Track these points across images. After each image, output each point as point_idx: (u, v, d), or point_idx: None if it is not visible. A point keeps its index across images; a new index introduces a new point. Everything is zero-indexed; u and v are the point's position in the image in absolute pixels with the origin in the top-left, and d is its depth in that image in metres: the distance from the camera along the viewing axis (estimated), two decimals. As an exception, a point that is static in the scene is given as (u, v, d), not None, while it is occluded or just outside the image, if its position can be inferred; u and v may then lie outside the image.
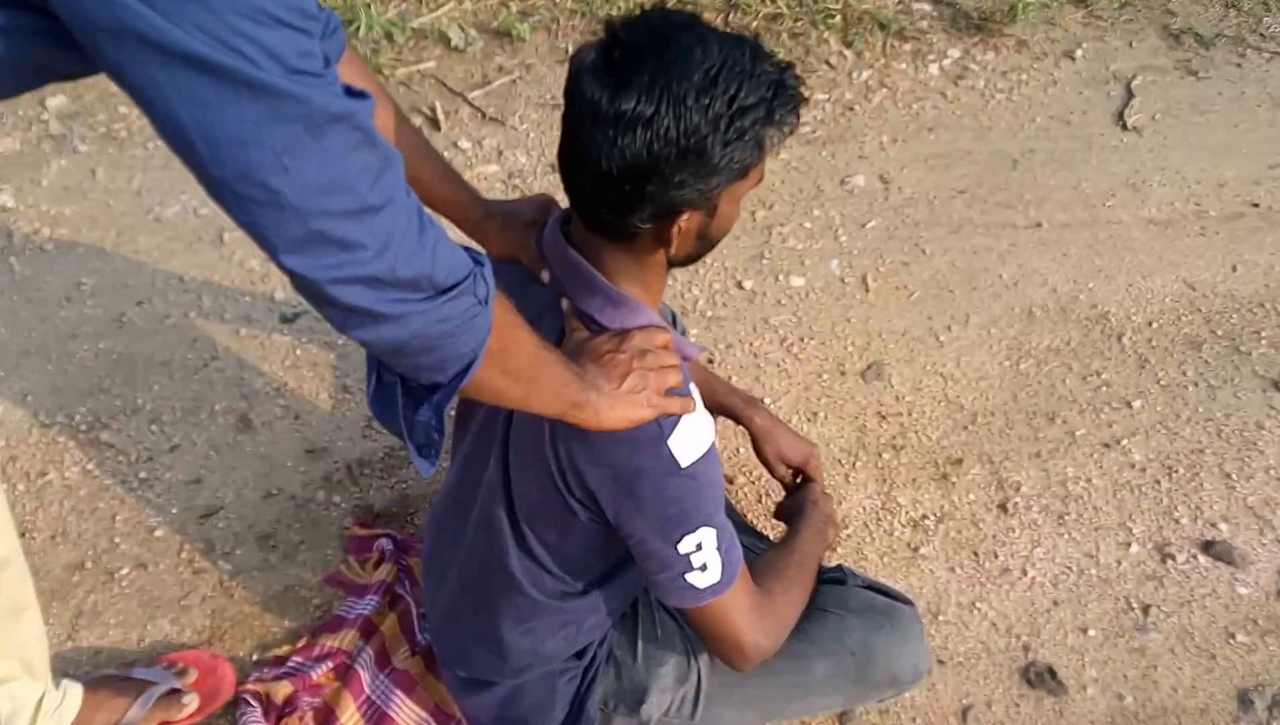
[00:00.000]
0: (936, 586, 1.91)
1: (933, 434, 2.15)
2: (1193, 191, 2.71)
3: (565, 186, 1.18)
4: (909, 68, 3.04)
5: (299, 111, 0.79)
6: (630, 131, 1.07)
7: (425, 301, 0.92)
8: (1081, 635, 1.85)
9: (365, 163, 0.84)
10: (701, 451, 1.21)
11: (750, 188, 1.20)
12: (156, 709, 1.66)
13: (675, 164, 1.09)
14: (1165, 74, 3.07)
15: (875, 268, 2.48)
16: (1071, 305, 2.41)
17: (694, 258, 1.26)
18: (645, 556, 1.26)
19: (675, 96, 1.06)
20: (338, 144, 0.82)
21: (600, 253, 1.22)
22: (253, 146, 0.78)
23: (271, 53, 0.77)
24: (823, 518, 1.62)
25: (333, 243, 0.85)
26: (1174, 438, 2.15)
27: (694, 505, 1.22)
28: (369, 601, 1.84)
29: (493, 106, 2.81)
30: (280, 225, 0.83)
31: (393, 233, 0.87)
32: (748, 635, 1.33)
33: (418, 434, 1.07)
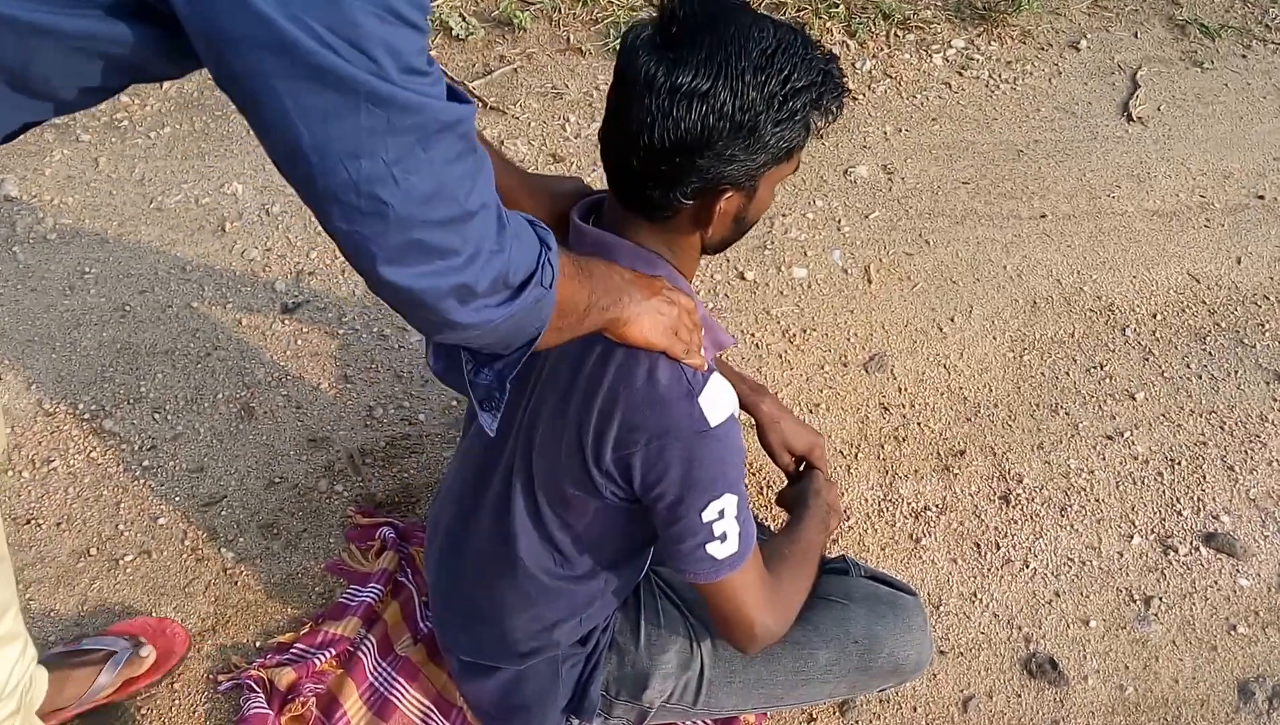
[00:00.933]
0: (938, 577, 1.91)
1: (935, 425, 2.15)
2: (1197, 183, 2.70)
3: (608, 163, 1.19)
4: (913, 58, 3.03)
5: (414, 122, 0.78)
6: (686, 104, 1.09)
7: (501, 306, 0.93)
8: (1083, 627, 1.85)
9: (466, 169, 0.84)
10: (730, 412, 1.24)
11: (789, 173, 1.23)
12: (122, 670, 1.68)
13: (729, 138, 1.12)
14: (1170, 65, 3.06)
15: (878, 258, 2.47)
16: (1075, 297, 2.41)
17: (727, 242, 1.29)
18: (669, 523, 1.27)
19: (734, 72, 1.09)
20: (444, 152, 0.81)
21: (636, 235, 1.24)
22: (366, 158, 0.77)
23: (394, 52, 0.76)
24: (825, 506, 1.62)
25: (430, 251, 0.84)
26: (1177, 430, 2.15)
27: (721, 469, 1.24)
28: (371, 589, 1.84)
29: (494, 96, 2.80)
30: (383, 235, 0.82)
31: (484, 237, 0.87)
32: (758, 616, 1.34)
33: (479, 392, 1.10)
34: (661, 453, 1.22)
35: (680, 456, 1.22)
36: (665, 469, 1.23)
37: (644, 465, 1.24)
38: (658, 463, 1.23)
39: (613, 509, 1.33)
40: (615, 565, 1.45)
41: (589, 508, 1.35)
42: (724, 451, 1.23)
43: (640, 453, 1.23)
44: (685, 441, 1.21)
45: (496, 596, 1.47)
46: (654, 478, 1.24)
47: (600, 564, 1.44)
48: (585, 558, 1.42)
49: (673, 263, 1.27)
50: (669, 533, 1.29)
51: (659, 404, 1.21)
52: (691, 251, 1.28)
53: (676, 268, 1.27)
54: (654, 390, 1.21)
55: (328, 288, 2.34)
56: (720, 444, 1.23)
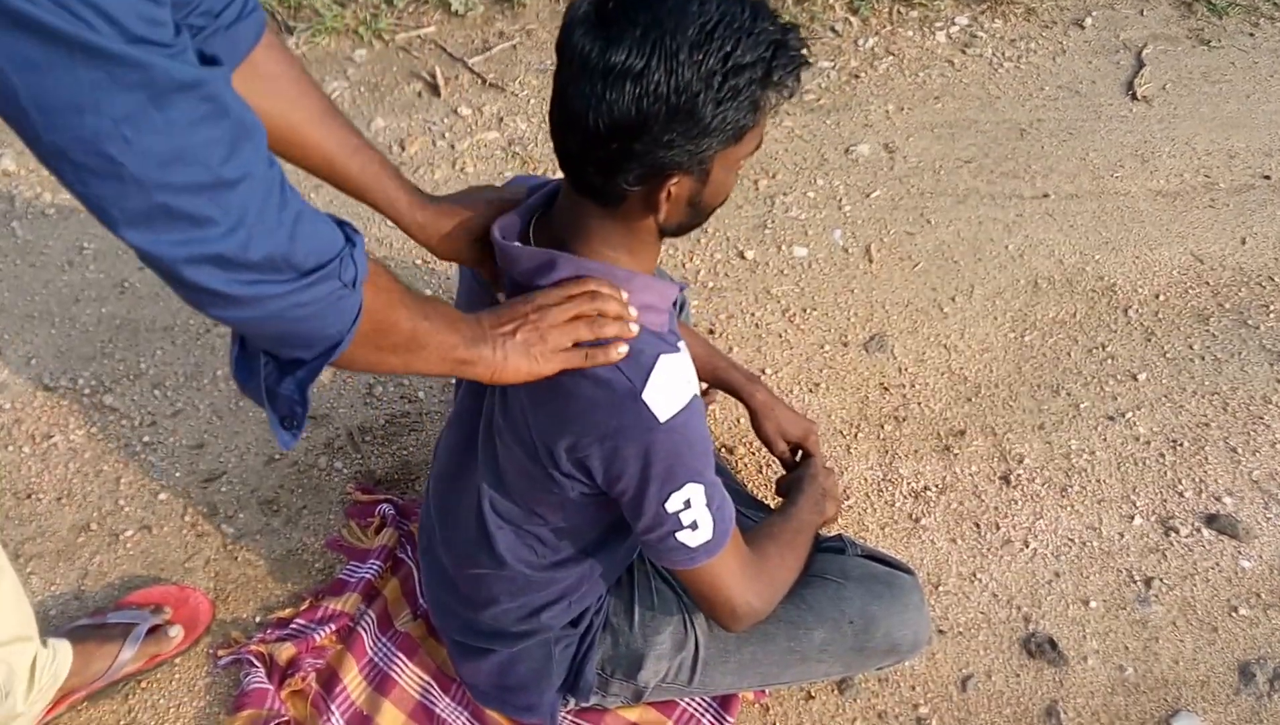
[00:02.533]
0: (937, 557, 1.91)
1: (935, 405, 2.14)
2: (1202, 163, 2.68)
3: (555, 146, 1.14)
4: (916, 35, 3.01)
5: (140, 79, 0.75)
6: (619, 86, 1.02)
7: (282, 284, 0.88)
8: (1083, 607, 1.85)
9: (215, 135, 0.80)
10: (681, 404, 1.18)
11: (747, 154, 1.16)
12: (145, 646, 1.69)
13: (665, 122, 1.05)
14: (1176, 43, 3.04)
15: (879, 238, 2.46)
16: (1077, 277, 2.40)
17: (686, 227, 1.22)
18: (636, 516, 1.26)
19: (667, 51, 1.02)
20: (184, 114, 0.78)
21: (587, 220, 1.19)
22: (89, 113, 0.74)
23: (109, 17, 0.72)
24: (820, 491, 1.62)
25: (180, 218, 0.80)
26: (1179, 411, 2.14)
27: (679, 461, 1.20)
28: (371, 566, 1.85)
29: (493, 72, 2.78)
30: (121, 198, 0.78)
31: (247, 209, 0.83)
32: (740, 596, 1.33)
33: (280, 406, 1.02)
34: (615, 453, 1.19)
35: (634, 454, 1.19)
36: (622, 467, 1.20)
37: (600, 465, 1.22)
38: (614, 462, 1.20)
39: (584, 502, 1.32)
40: (601, 548, 1.44)
41: (560, 503, 1.33)
42: (679, 443, 1.19)
43: (594, 454, 1.21)
44: (637, 440, 1.18)
45: (482, 586, 1.47)
46: (612, 476, 1.22)
47: (584, 550, 1.43)
48: (566, 546, 1.42)
49: (628, 253, 1.21)
50: (637, 525, 1.27)
51: (604, 407, 1.17)
52: (647, 237, 1.21)
53: (632, 257, 1.21)
54: (597, 393, 1.18)
55: (327, 264, 2.33)
56: (674, 436, 1.18)
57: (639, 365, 1.17)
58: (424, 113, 2.68)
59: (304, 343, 0.95)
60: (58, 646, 1.61)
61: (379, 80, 2.75)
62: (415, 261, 2.36)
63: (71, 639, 1.64)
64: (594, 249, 1.20)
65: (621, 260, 1.21)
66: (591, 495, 1.29)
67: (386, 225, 2.43)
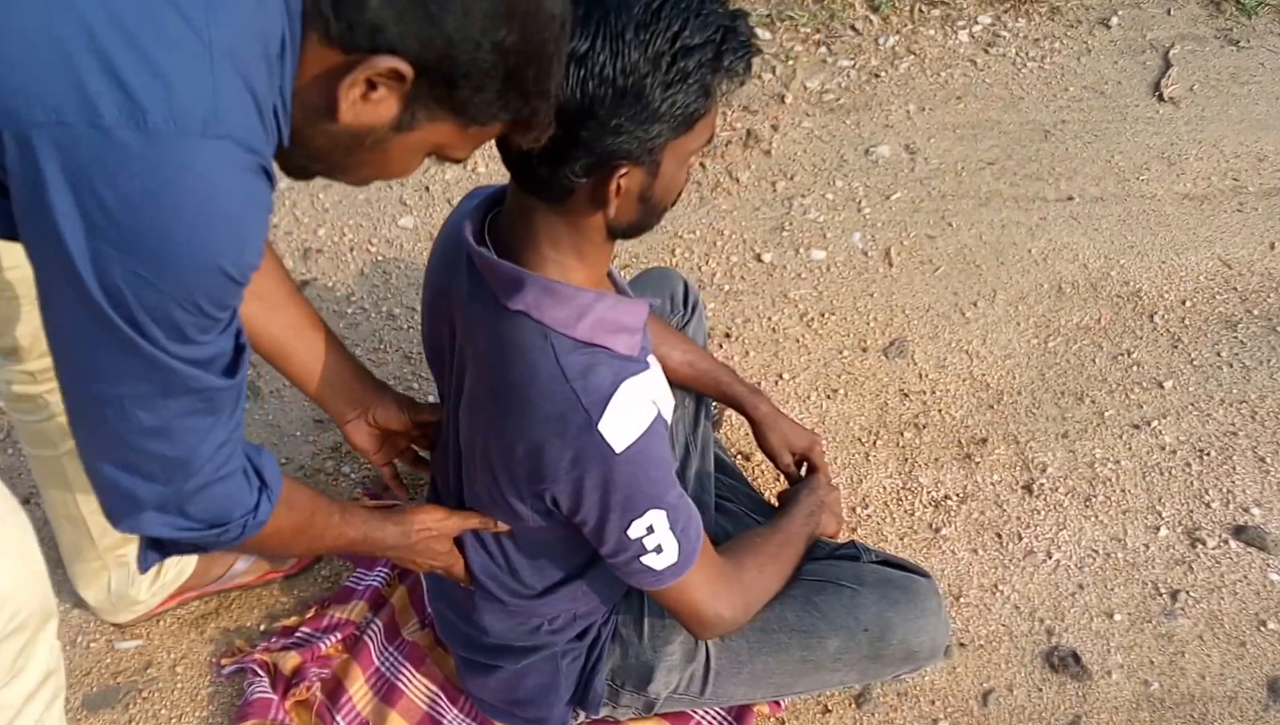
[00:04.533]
0: (958, 568, 1.86)
1: (956, 413, 2.09)
2: (1230, 166, 2.62)
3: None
4: (937, 34, 2.96)
5: (161, 380, 0.85)
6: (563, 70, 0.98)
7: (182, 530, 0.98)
8: (1107, 620, 1.80)
9: (199, 424, 0.91)
10: (639, 432, 1.15)
11: (698, 146, 1.11)
12: (259, 563, 1.79)
13: (611, 107, 1.01)
14: (1204, 43, 2.97)
15: (899, 241, 2.41)
16: (1102, 282, 2.34)
17: (637, 227, 1.17)
18: (599, 543, 1.25)
19: (612, 31, 0.98)
20: (183, 407, 0.88)
21: (534, 219, 1.14)
22: (108, 382, 0.85)
23: (175, 328, 0.83)
24: (816, 502, 1.59)
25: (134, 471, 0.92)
26: (1206, 420, 2.09)
27: (637, 489, 1.19)
28: (378, 573, 1.82)
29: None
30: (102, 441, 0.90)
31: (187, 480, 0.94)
32: (708, 608, 1.32)
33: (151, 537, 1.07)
34: (575, 485, 1.17)
35: (591, 486, 1.17)
36: (580, 498, 1.19)
37: (560, 497, 1.20)
38: (573, 494, 1.19)
39: (552, 529, 1.30)
40: (585, 571, 1.42)
41: (529, 532, 1.32)
42: (638, 471, 1.17)
43: (552, 487, 1.19)
44: (594, 472, 1.16)
45: (479, 608, 1.45)
46: (571, 507, 1.21)
47: (568, 575, 1.41)
48: (547, 575, 1.40)
49: (576, 255, 1.16)
50: (602, 550, 1.26)
51: (561, 437, 1.15)
52: (596, 236, 1.16)
53: (580, 259, 1.17)
54: (555, 425, 1.15)
55: (335, 266, 2.31)
56: (631, 466, 1.16)
57: (596, 395, 1.13)
58: (437, 112, 2.65)
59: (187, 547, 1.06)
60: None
61: (392, 80, 2.73)
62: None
63: None
64: (542, 253, 1.16)
65: (570, 266, 1.17)
66: (556, 525, 1.27)
67: (396, 225, 2.40)
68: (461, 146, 0.97)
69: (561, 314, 1.15)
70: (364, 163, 0.96)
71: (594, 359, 1.15)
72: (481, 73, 0.88)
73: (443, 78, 0.87)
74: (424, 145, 0.95)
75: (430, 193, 2.47)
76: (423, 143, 0.95)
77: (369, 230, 2.38)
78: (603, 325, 1.16)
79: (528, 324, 1.16)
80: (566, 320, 1.15)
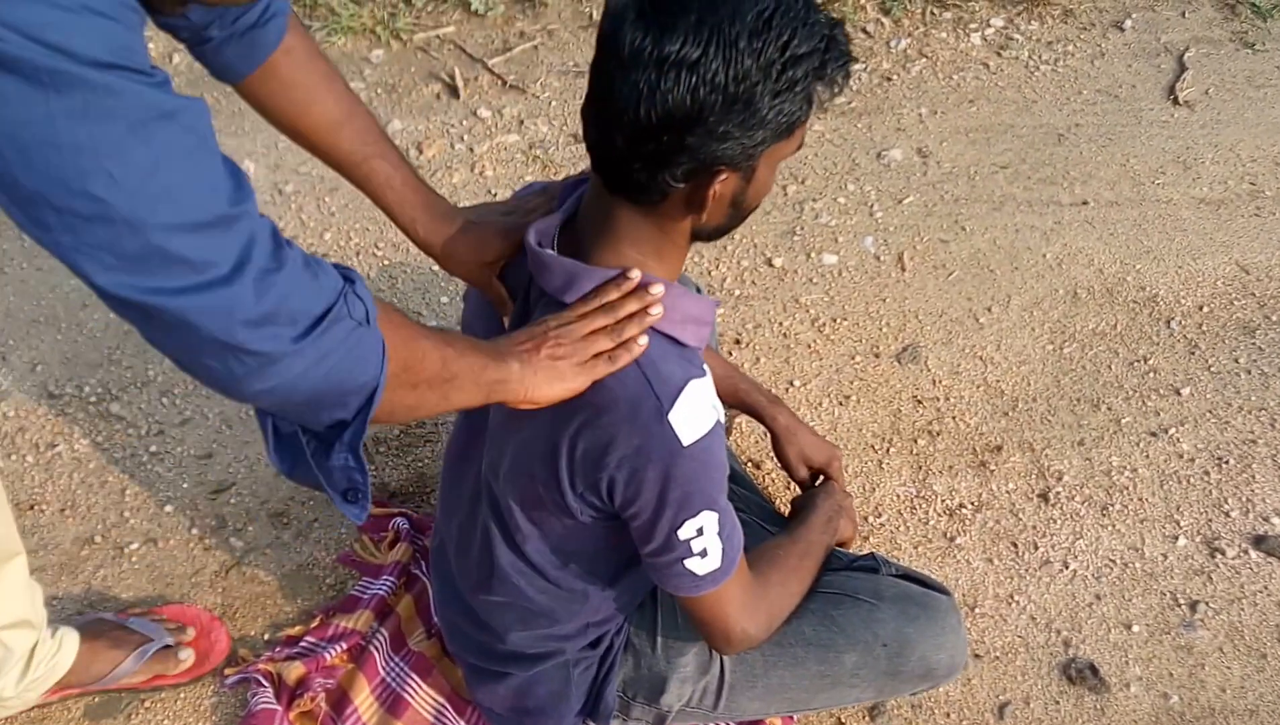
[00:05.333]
0: (973, 578, 1.83)
1: (971, 420, 2.06)
2: (1247, 170, 2.59)
3: (591, 143, 1.09)
4: (949, 37, 2.93)
5: (115, 106, 0.70)
6: (674, 76, 0.98)
7: (297, 339, 0.83)
8: (1125, 631, 1.76)
9: (205, 168, 0.76)
10: (705, 429, 1.14)
11: (790, 152, 1.12)
12: (152, 663, 1.64)
13: (721, 113, 1.00)
14: (1219, 46, 2.94)
15: (912, 245, 2.38)
16: (1118, 287, 2.31)
17: (722, 231, 1.18)
18: (645, 539, 1.22)
19: (726, 39, 0.98)
20: (169, 146, 0.73)
21: (618, 220, 1.13)
22: (67, 149, 0.69)
23: (78, 42, 0.68)
24: (834, 508, 1.56)
25: (176, 261, 0.75)
26: (1224, 427, 2.05)
27: (697, 488, 1.16)
28: (384, 582, 1.79)
29: (513, 74, 2.72)
30: (114, 242, 0.73)
31: (248, 252, 0.78)
32: (736, 624, 1.29)
33: (338, 480, 0.97)
34: (633, 475, 1.15)
35: (653, 477, 1.14)
36: (638, 490, 1.16)
37: (616, 487, 1.17)
38: (630, 484, 1.16)
39: (593, 528, 1.27)
40: (613, 578, 1.39)
41: (568, 529, 1.28)
42: (700, 469, 1.15)
43: (610, 475, 1.16)
44: (657, 463, 1.13)
45: (494, 613, 1.42)
46: (627, 498, 1.18)
47: (596, 580, 1.38)
48: (577, 577, 1.36)
49: (656, 256, 1.15)
50: (645, 548, 1.23)
51: (626, 425, 1.13)
52: (680, 240, 1.16)
53: (660, 261, 1.16)
54: (620, 412, 1.13)
55: (343, 269, 2.28)
56: (695, 463, 1.14)
57: (668, 386, 1.13)
58: (442, 115, 2.62)
59: (339, 399, 0.90)
60: (65, 638, 1.58)
61: (396, 81, 2.70)
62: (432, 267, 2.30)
63: (83, 632, 1.61)
64: (621, 252, 1.15)
65: (649, 266, 1.16)
66: (603, 520, 1.24)
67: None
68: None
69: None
70: None
71: (663, 352, 1.14)
72: None
73: None
74: None
75: (437, 196, 2.44)
76: None
77: (375, 234, 2.35)
78: (673, 313, 1.15)
79: None
80: None
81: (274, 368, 0.83)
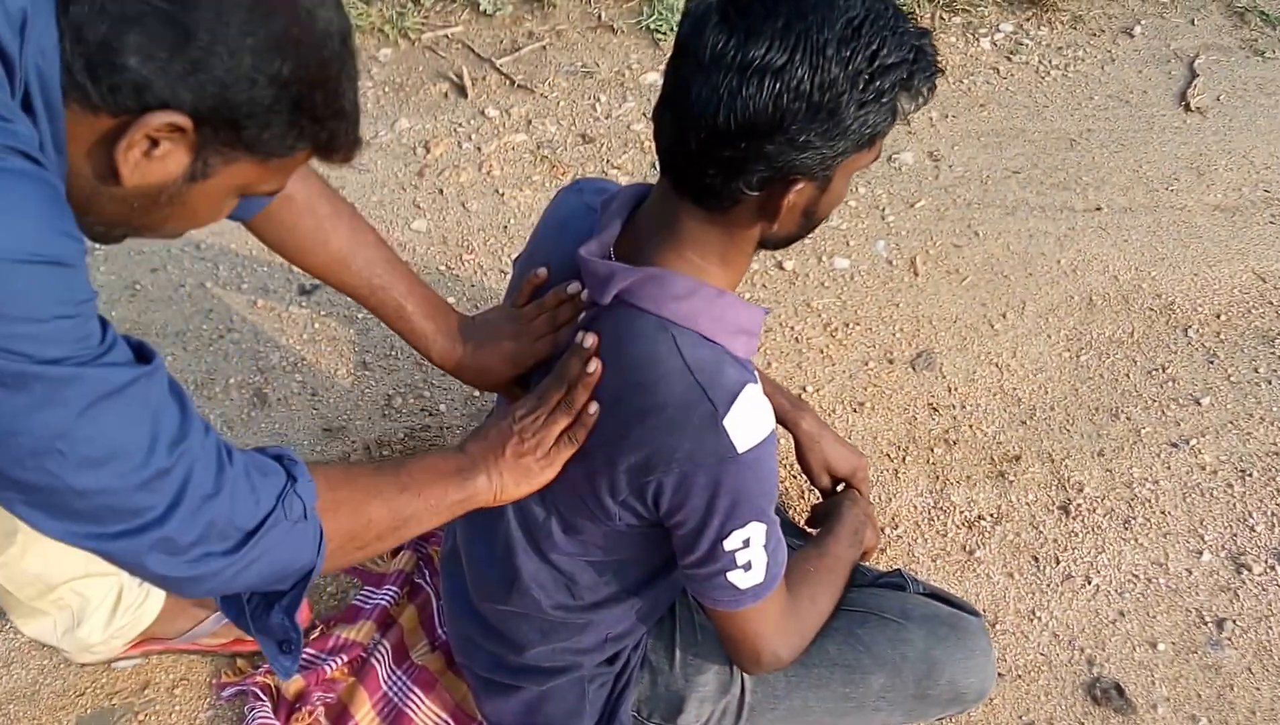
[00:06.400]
0: (994, 593, 1.78)
1: (988, 428, 2.01)
2: (1261, 177, 2.56)
3: (663, 146, 1.05)
4: (959, 41, 2.89)
5: (68, 395, 0.78)
6: (758, 81, 0.95)
7: (228, 554, 0.89)
8: (1150, 650, 1.72)
9: (145, 431, 0.82)
10: (761, 437, 1.10)
11: (868, 162, 1.08)
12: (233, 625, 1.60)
13: (804, 122, 0.97)
14: (1229, 53, 2.91)
15: (925, 250, 2.34)
16: (1134, 294, 2.27)
17: (791, 240, 1.14)
18: (688, 549, 1.17)
19: (813, 45, 0.95)
20: (115, 420, 0.80)
21: (684, 224, 1.10)
22: (24, 435, 0.77)
23: (38, 347, 0.76)
24: (860, 518, 1.51)
25: (117, 512, 0.83)
26: (1247, 439, 2.01)
27: (747, 497, 1.12)
28: (386, 592, 1.73)
29: (521, 73, 2.68)
30: (59, 503, 0.81)
31: (186, 487, 0.85)
32: (768, 644, 1.25)
33: (274, 633, 1.02)
34: (683, 480, 1.10)
35: (703, 484, 1.10)
36: (686, 496, 1.12)
37: (664, 493, 1.13)
38: (678, 490, 1.11)
39: (630, 535, 1.22)
40: (640, 588, 1.34)
41: (602, 535, 1.24)
42: (752, 479, 1.11)
43: (659, 480, 1.12)
44: (709, 469, 1.09)
45: (510, 625, 1.37)
46: (674, 505, 1.13)
47: (623, 589, 1.33)
48: (604, 586, 1.31)
49: (720, 262, 1.12)
50: (688, 558, 1.18)
51: (679, 428, 1.09)
52: (746, 247, 1.12)
53: (724, 266, 1.12)
54: (673, 414, 1.09)
55: (345, 270, 2.22)
56: (748, 471, 1.10)
57: (724, 389, 1.08)
58: (450, 114, 2.57)
59: (274, 583, 0.97)
60: (152, 590, 1.58)
61: (404, 80, 2.65)
62: (439, 268, 2.25)
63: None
64: (685, 257, 1.11)
65: (712, 271, 1.12)
66: (641, 528, 1.19)
67: (410, 229, 2.32)
68: (268, 180, 0.93)
69: (684, 308, 1.10)
70: (167, 218, 0.92)
71: (716, 356, 1.10)
72: (265, 109, 0.84)
73: (225, 121, 0.84)
74: (227, 189, 0.92)
75: (444, 196, 2.39)
76: (225, 187, 0.91)
77: (381, 232, 2.29)
78: (724, 323, 1.11)
79: (646, 317, 1.11)
80: (689, 314, 1.10)
81: (207, 583, 0.90)
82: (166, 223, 0.92)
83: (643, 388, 1.10)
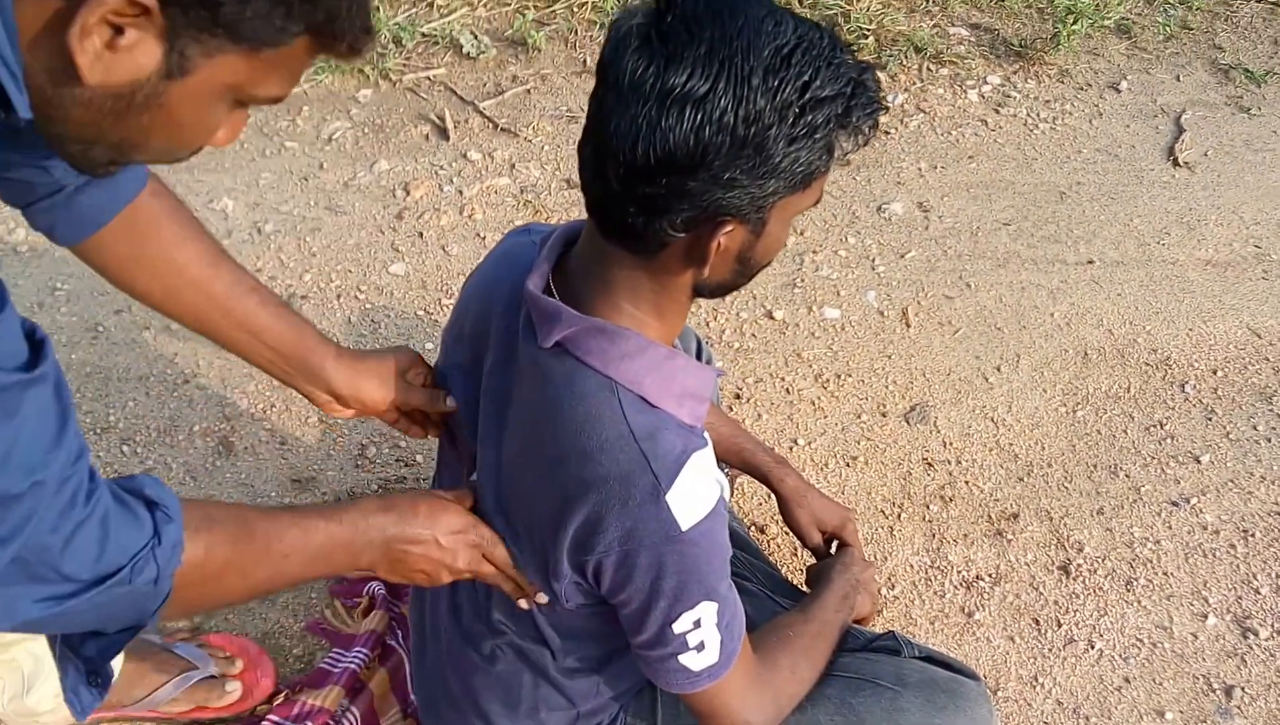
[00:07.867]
0: (994, 657, 1.71)
1: (984, 485, 1.95)
2: (1251, 232, 2.54)
3: (585, 182, 0.97)
4: (946, 93, 2.88)
5: None
6: (677, 111, 0.87)
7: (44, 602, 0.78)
8: (1158, 718, 1.65)
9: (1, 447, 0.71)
10: (706, 510, 1.02)
11: (807, 206, 1.00)
12: (194, 691, 1.55)
13: (727, 157, 0.89)
14: (1215, 109, 2.92)
15: (916, 301, 2.30)
16: (1129, 348, 2.23)
17: (726, 288, 1.06)
18: (636, 629, 1.10)
19: (738, 74, 0.87)
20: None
21: (613, 270, 1.01)
22: None
23: None
24: (851, 582, 1.44)
25: None
26: (1248, 498, 1.96)
27: (695, 577, 1.04)
28: (357, 654, 1.64)
29: (505, 117, 2.63)
30: None
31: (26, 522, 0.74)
32: (739, 716, 1.17)
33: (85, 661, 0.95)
34: (624, 559, 1.03)
35: (645, 565, 1.03)
36: (628, 577, 1.04)
37: (604, 571, 1.05)
38: (619, 570, 1.04)
39: (579, 614, 1.15)
40: (602, 666, 1.26)
41: (555, 612, 1.16)
42: (699, 556, 1.04)
43: (598, 559, 1.04)
44: (650, 549, 1.02)
45: (473, 690, 1.29)
46: (616, 585, 1.06)
47: (586, 667, 1.25)
48: (568, 658, 1.23)
49: (655, 312, 1.04)
50: (637, 639, 1.11)
51: (620, 503, 1.01)
52: (680, 295, 1.04)
53: (659, 317, 1.04)
54: (615, 487, 1.01)
55: (321, 313, 2.15)
56: (694, 549, 1.03)
57: (667, 461, 1.00)
58: (431, 156, 2.51)
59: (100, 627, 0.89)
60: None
61: (384, 121, 2.59)
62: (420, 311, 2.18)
63: (126, 653, 1.48)
64: (619, 307, 1.03)
65: (647, 322, 1.04)
66: (590, 606, 1.11)
67: (387, 272, 2.25)
68: (265, 81, 0.78)
69: (632, 368, 1.02)
70: (148, 129, 0.77)
71: (660, 422, 1.02)
72: None
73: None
74: (214, 90, 0.77)
75: (424, 239, 2.33)
76: (211, 88, 0.76)
77: (358, 276, 2.23)
78: (671, 387, 1.03)
79: (591, 375, 1.02)
80: (636, 375, 1.02)
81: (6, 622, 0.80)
82: (150, 136, 0.78)
83: (585, 455, 1.02)
